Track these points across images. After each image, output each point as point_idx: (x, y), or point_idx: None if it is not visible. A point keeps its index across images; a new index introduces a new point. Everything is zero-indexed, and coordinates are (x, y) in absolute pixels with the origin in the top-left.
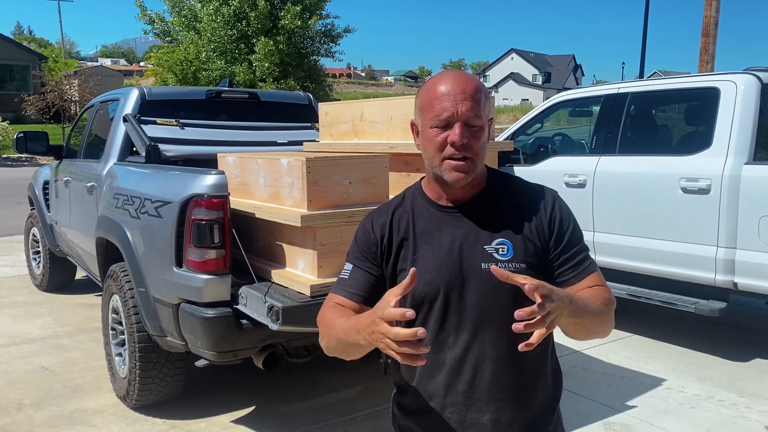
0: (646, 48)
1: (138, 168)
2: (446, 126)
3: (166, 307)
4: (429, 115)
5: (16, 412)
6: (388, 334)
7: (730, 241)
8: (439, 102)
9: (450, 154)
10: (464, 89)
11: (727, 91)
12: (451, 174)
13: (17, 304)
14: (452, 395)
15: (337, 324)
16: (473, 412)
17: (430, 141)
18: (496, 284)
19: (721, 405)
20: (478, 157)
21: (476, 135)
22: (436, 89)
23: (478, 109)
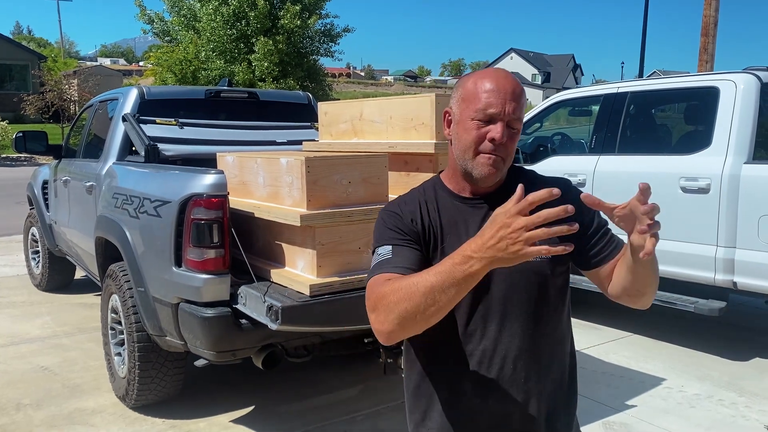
0: (646, 47)
1: (137, 167)
2: (489, 121)
3: (165, 307)
4: (473, 106)
5: (15, 412)
6: (533, 222)
7: (730, 240)
8: (488, 96)
9: (488, 149)
10: (514, 90)
11: (726, 91)
12: (483, 168)
13: (16, 304)
14: (479, 387)
15: (413, 282)
16: (500, 404)
17: (468, 132)
18: (523, 277)
19: (721, 404)
20: (509, 159)
21: (513, 137)
22: (486, 83)
23: (521, 112)
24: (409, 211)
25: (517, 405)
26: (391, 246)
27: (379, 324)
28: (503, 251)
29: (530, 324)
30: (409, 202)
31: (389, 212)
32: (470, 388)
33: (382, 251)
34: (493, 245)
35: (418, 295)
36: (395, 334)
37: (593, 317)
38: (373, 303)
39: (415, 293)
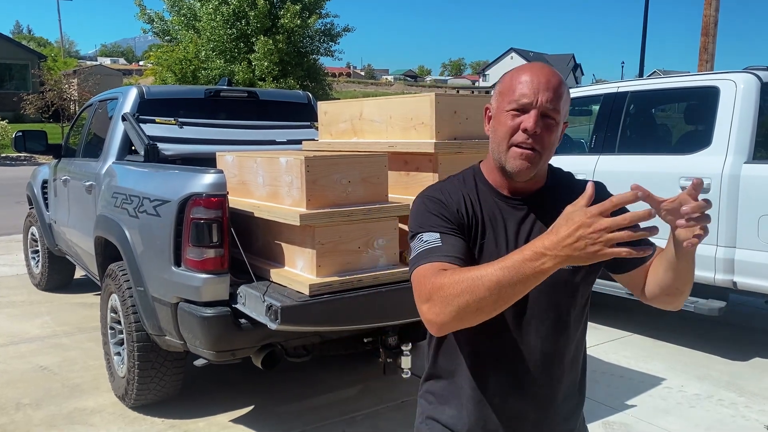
0: (646, 47)
1: (137, 167)
2: (522, 111)
3: (164, 307)
4: (507, 98)
5: (15, 411)
6: (618, 224)
7: (730, 240)
8: (521, 87)
9: (519, 141)
10: (549, 80)
11: (726, 90)
12: (515, 162)
13: (16, 304)
14: (501, 386)
15: (477, 275)
16: (519, 403)
17: (502, 124)
18: (557, 281)
19: (721, 404)
20: (546, 152)
21: (550, 128)
22: (521, 75)
23: (558, 103)
24: (455, 199)
25: (535, 406)
26: (438, 233)
27: (434, 315)
28: (581, 251)
29: (557, 328)
30: (452, 191)
31: (432, 198)
32: (492, 386)
33: (428, 237)
34: (570, 244)
35: (483, 288)
36: (449, 326)
37: (593, 317)
38: (428, 293)
39: (479, 287)
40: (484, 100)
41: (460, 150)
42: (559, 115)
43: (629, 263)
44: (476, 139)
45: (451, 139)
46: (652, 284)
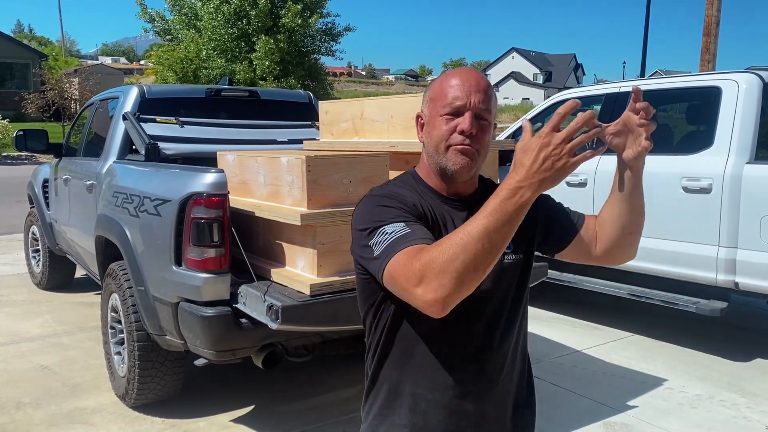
0: (647, 47)
1: (137, 166)
2: (457, 114)
3: (165, 306)
4: (441, 103)
5: (15, 410)
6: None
7: (732, 240)
8: (453, 91)
9: (457, 143)
10: (479, 82)
11: (728, 91)
12: (456, 160)
13: (16, 303)
14: (458, 387)
15: (462, 234)
16: (477, 403)
17: (437, 128)
18: (505, 276)
19: (722, 405)
20: (483, 151)
21: (484, 129)
22: (451, 80)
23: (489, 104)
24: (407, 196)
25: (492, 404)
26: (402, 222)
27: (433, 292)
28: (551, 170)
29: (508, 322)
30: (400, 191)
31: (384, 195)
32: (449, 387)
33: (392, 228)
34: (538, 168)
35: (474, 241)
36: (452, 297)
37: (594, 317)
38: (419, 274)
39: (469, 242)
40: None
41: None
42: (491, 116)
43: (569, 236)
44: None
45: None
46: (602, 238)
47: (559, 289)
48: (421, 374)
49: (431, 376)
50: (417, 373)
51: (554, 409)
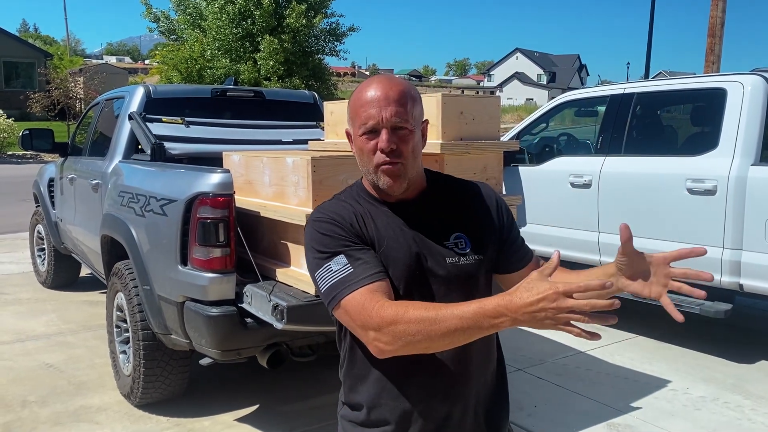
0: (652, 48)
1: (143, 166)
2: (373, 132)
3: (170, 305)
4: (357, 123)
5: (21, 408)
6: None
7: (736, 242)
8: (365, 109)
9: (381, 161)
10: (387, 95)
11: (733, 92)
12: (385, 180)
13: (22, 301)
14: (423, 390)
15: (432, 319)
16: (443, 406)
17: (360, 149)
18: (458, 278)
19: (726, 407)
20: (409, 161)
21: (404, 139)
22: (361, 97)
23: (404, 113)
24: (345, 216)
25: (458, 406)
26: (344, 256)
27: (382, 344)
28: (538, 321)
29: None
30: (339, 209)
31: (322, 220)
32: (414, 392)
33: (335, 266)
34: (531, 312)
35: (439, 333)
36: (398, 353)
37: None
38: (376, 324)
39: (435, 331)
40: (491, 100)
41: (466, 150)
42: (410, 122)
43: (511, 264)
44: (482, 140)
45: (457, 139)
46: None
47: None
48: (381, 378)
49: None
50: (378, 376)
51: (557, 410)
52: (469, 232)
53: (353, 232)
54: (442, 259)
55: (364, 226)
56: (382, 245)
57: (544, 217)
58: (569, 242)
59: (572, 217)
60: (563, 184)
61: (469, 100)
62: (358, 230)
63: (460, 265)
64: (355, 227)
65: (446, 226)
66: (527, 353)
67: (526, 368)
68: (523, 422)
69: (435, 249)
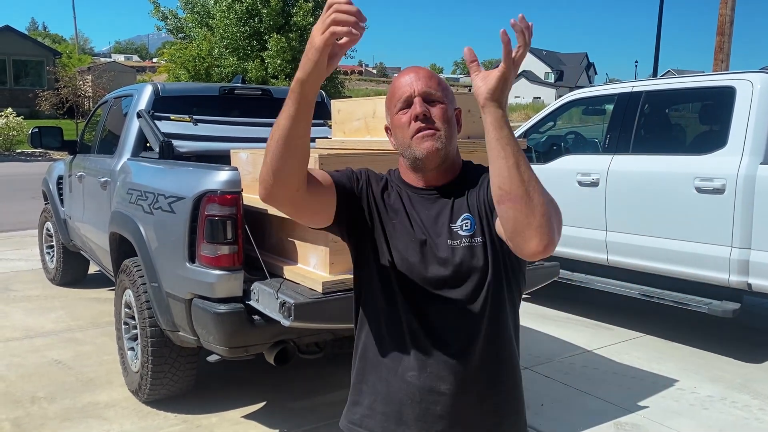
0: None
1: (151, 163)
2: (408, 105)
3: (178, 302)
4: (392, 103)
5: (30, 404)
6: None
7: (745, 241)
8: (399, 90)
9: (417, 129)
10: (418, 72)
11: (743, 90)
12: (422, 145)
13: (31, 298)
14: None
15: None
16: (436, 382)
17: (398, 125)
18: (460, 260)
19: (734, 406)
20: (446, 129)
21: (437, 106)
22: (395, 84)
23: (434, 84)
24: (375, 179)
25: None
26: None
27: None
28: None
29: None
30: (379, 177)
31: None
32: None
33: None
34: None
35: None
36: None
37: (605, 317)
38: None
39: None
40: None
41: (474, 149)
42: (441, 94)
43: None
44: None
45: (464, 138)
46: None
47: (570, 289)
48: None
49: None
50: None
51: (564, 408)
52: (475, 215)
53: (359, 191)
54: (444, 241)
55: (381, 193)
56: (396, 216)
57: None
58: (577, 241)
59: (579, 215)
60: (571, 182)
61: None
62: (363, 190)
63: (461, 248)
64: (367, 189)
65: (460, 209)
66: (534, 352)
67: (533, 367)
68: (530, 421)
69: (440, 231)
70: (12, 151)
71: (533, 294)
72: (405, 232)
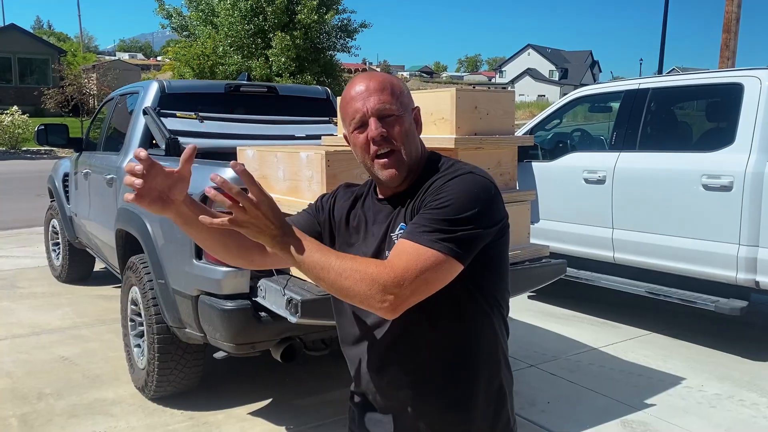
0: (665, 44)
1: (158, 160)
2: (363, 126)
3: (185, 299)
4: (347, 121)
5: (37, 401)
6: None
7: (753, 239)
8: (351, 105)
9: (375, 152)
10: (368, 86)
11: (750, 87)
12: (383, 171)
13: (37, 295)
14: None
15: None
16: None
17: (356, 145)
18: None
19: (742, 405)
20: (403, 146)
21: (392, 124)
22: (346, 96)
23: (387, 99)
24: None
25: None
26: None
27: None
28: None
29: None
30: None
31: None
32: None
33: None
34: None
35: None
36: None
37: (611, 315)
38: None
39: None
40: (505, 95)
41: (480, 146)
42: (396, 107)
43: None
44: (497, 135)
45: (471, 134)
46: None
47: (576, 286)
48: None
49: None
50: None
51: (571, 406)
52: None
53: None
54: (384, 251)
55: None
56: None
57: (558, 213)
58: (583, 238)
59: (586, 213)
60: (577, 180)
61: (483, 95)
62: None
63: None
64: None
65: (405, 217)
66: (540, 349)
67: (539, 364)
68: (536, 418)
69: (385, 241)
70: (18, 148)
71: (539, 291)
72: (359, 245)
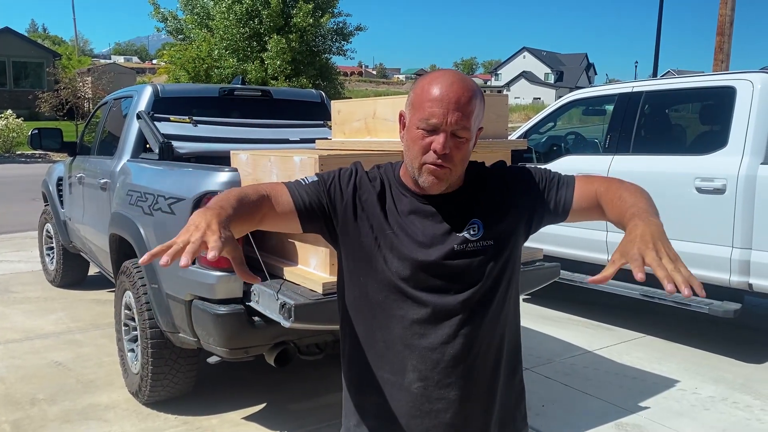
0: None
1: (151, 165)
2: (432, 131)
3: (178, 304)
4: (418, 115)
5: (30, 406)
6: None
7: (746, 241)
8: (431, 105)
9: (430, 161)
10: (459, 99)
11: (743, 90)
12: (427, 178)
13: (30, 300)
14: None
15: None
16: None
17: (413, 141)
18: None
19: (736, 407)
20: (458, 168)
21: (459, 146)
22: (432, 90)
23: (468, 122)
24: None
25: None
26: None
27: None
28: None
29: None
30: (372, 179)
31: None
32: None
33: (310, 178)
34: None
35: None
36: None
37: (606, 318)
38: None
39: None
40: (499, 99)
41: (490, 149)
42: (470, 132)
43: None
44: (490, 139)
45: (483, 138)
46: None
47: (570, 290)
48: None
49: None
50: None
51: (565, 409)
52: (485, 218)
53: (338, 191)
54: (450, 248)
55: (371, 201)
56: (394, 235)
57: None
58: (577, 241)
59: None
60: None
61: None
62: (351, 202)
63: (466, 251)
64: (354, 200)
65: (466, 217)
66: (535, 353)
67: (534, 368)
68: (531, 422)
69: (446, 242)
70: (12, 152)
71: (534, 295)
72: (410, 244)
